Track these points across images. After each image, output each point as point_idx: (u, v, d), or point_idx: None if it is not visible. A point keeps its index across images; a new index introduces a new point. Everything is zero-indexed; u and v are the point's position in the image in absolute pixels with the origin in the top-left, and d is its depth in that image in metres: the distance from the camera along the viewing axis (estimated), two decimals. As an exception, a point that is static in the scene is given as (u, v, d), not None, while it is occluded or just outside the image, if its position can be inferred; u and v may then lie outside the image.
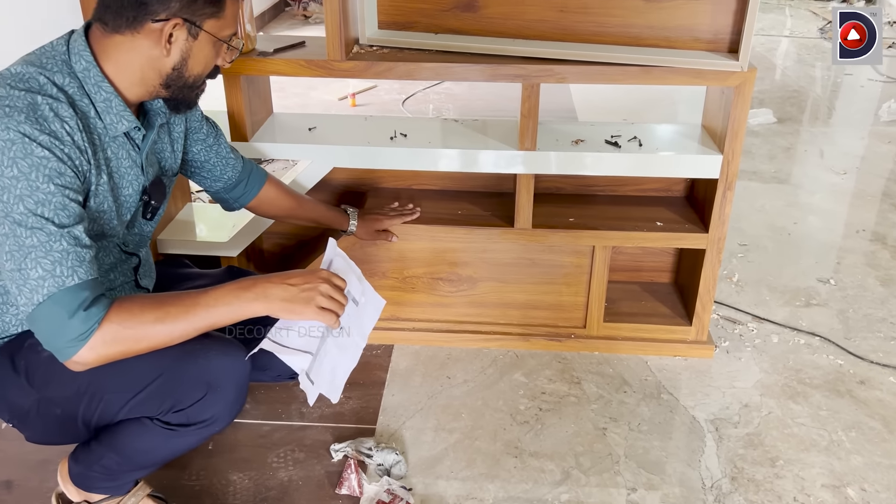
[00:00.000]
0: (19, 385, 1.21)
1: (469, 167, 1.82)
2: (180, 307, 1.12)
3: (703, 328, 1.98)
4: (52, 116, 1.08)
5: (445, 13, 1.76)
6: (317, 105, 3.97)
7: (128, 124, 1.19)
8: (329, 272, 1.23)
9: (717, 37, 1.68)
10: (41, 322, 1.06)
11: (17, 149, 1.04)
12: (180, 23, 1.14)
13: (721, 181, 1.79)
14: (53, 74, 1.13)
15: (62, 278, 1.05)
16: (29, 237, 1.04)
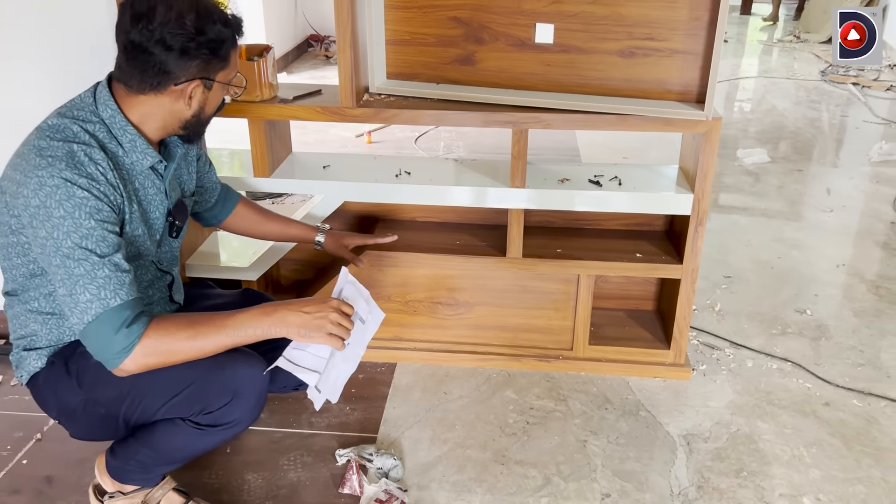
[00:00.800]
0: (70, 386, 1.42)
1: (465, 202, 2.03)
2: (210, 327, 1.32)
3: (681, 352, 2.15)
4: (88, 161, 1.29)
5: (446, 66, 1.98)
6: (335, 141, 4.21)
7: (151, 160, 1.41)
8: (339, 301, 1.41)
9: (686, 89, 1.88)
10: (91, 338, 1.27)
11: (62, 192, 1.25)
12: (198, 83, 1.36)
13: (693, 217, 1.97)
14: (85, 123, 1.33)
15: (106, 300, 1.25)
16: (76, 267, 1.25)
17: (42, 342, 1.44)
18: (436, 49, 1.96)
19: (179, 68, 1.32)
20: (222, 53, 1.36)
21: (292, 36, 6.04)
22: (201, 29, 1.30)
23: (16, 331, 1.47)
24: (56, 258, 1.25)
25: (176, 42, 1.29)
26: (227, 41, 1.36)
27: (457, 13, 1.91)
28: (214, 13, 1.34)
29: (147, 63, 1.31)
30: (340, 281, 1.50)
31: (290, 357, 1.40)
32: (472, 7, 1.89)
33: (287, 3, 5.93)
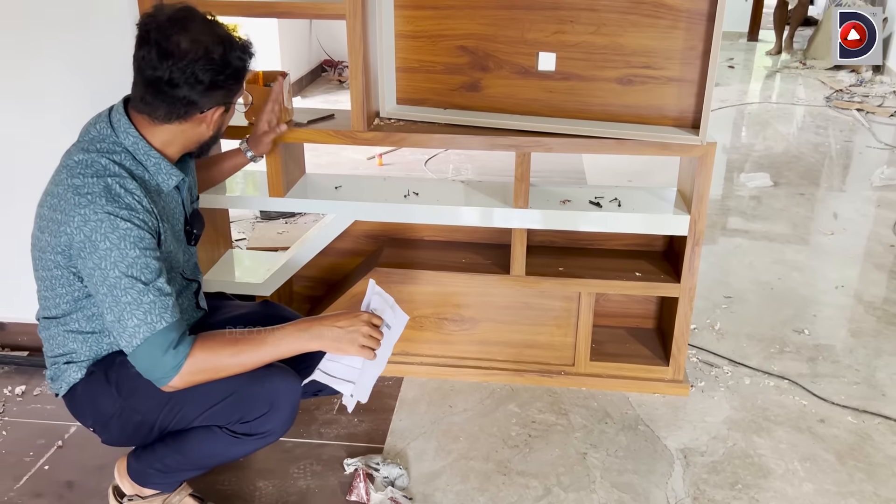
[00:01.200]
0: (109, 394, 1.50)
1: (471, 222, 2.11)
2: (251, 344, 1.41)
3: (680, 368, 2.21)
4: (124, 192, 1.37)
5: (453, 92, 2.07)
6: (347, 163, 4.32)
7: (176, 179, 1.50)
8: (369, 314, 1.50)
9: (682, 115, 1.97)
10: (140, 360, 1.36)
11: (106, 226, 1.33)
12: (221, 108, 1.47)
13: (689, 238, 2.05)
14: (111, 155, 1.40)
15: (153, 324, 1.34)
16: (123, 295, 1.34)
17: (82, 357, 1.52)
18: (443, 76, 2.06)
19: (206, 99, 1.42)
20: (242, 81, 1.47)
21: (307, 61, 6.19)
22: (227, 61, 1.40)
23: (53, 350, 1.54)
24: (103, 287, 1.34)
25: (206, 77, 1.38)
26: (245, 70, 1.46)
27: (464, 42, 2.01)
28: (234, 43, 1.43)
29: (175, 97, 1.39)
30: (368, 293, 1.58)
31: (326, 369, 1.50)
32: (479, 37, 1.99)
33: (302, 30, 6.09)
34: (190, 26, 1.39)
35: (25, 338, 2.38)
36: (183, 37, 1.37)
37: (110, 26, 1.99)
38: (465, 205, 2.10)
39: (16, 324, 2.38)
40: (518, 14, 1.94)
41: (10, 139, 2.16)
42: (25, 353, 2.36)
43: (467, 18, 1.97)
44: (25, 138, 2.15)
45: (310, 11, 2.00)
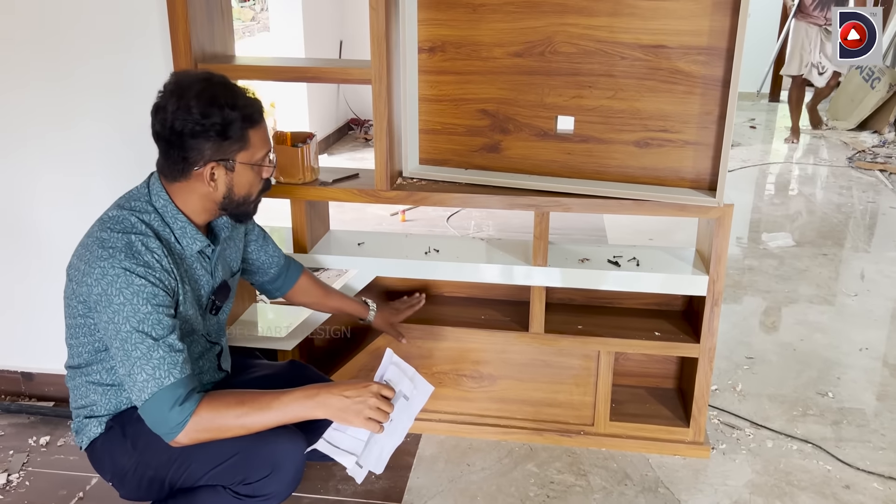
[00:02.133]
0: (125, 448, 1.53)
1: (490, 279, 2.14)
2: (257, 407, 1.42)
3: (700, 430, 2.19)
4: (145, 250, 1.43)
5: (474, 153, 2.13)
6: (371, 218, 4.39)
7: (200, 244, 1.54)
8: (380, 385, 1.49)
9: (699, 177, 2.00)
10: (148, 414, 1.39)
11: (122, 281, 1.39)
12: (216, 164, 1.45)
13: (708, 298, 2.06)
14: (141, 214, 1.48)
15: (161, 380, 1.38)
16: (134, 350, 1.38)
17: (101, 410, 1.56)
18: (465, 138, 2.12)
19: (194, 152, 1.43)
20: (232, 134, 1.43)
21: (334, 119, 6.35)
22: (206, 113, 1.41)
23: (76, 400, 1.59)
24: (116, 341, 1.39)
25: (185, 126, 1.40)
26: (234, 123, 1.43)
27: (485, 106, 2.07)
28: (221, 98, 1.42)
29: (169, 151, 1.46)
30: (384, 363, 1.57)
31: (330, 438, 1.49)
32: (499, 101, 2.06)
33: (330, 90, 6.27)
34: (187, 84, 1.43)
35: (52, 388, 2.43)
36: (172, 93, 1.42)
37: (151, 91, 2.09)
38: (485, 262, 2.13)
39: (43, 374, 2.43)
40: (537, 80, 2.00)
41: (47, 193, 2.24)
42: (51, 403, 2.41)
43: (488, 83, 2.04)
44: (61, 192, 2.23)
45: (337, 76, 2.08)
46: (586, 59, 1.96)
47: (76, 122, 2.16)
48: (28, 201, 2.26)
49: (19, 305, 2.37)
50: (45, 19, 2.07)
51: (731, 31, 1.84)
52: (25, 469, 2.11)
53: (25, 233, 2.30)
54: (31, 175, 2.23)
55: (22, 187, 2.25)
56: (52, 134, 2.18)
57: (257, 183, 1.54)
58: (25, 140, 2.20)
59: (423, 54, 2.06)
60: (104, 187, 2.21)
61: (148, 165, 2.14)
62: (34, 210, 2.27)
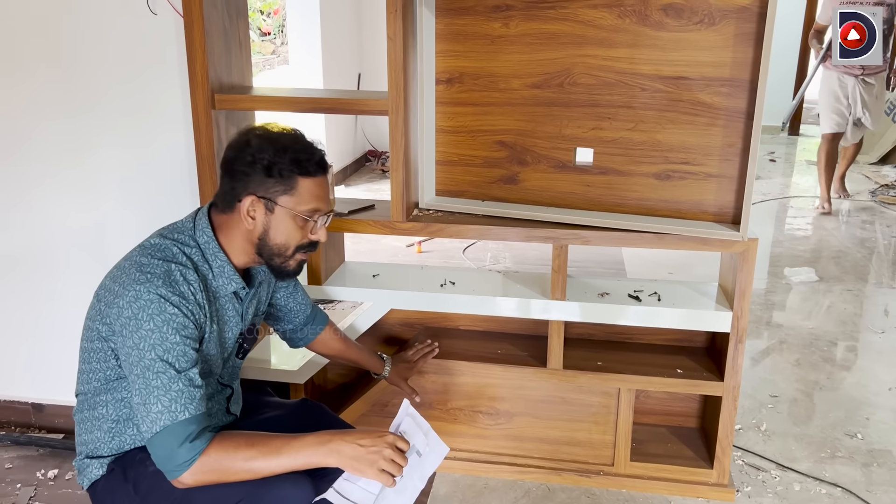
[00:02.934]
0: (127, 492, 1.48)
1: (507, 312, 2.10)
2: (267, 452, 1.36)
3: (724, 471, 2.11)
4: (182, 280, 1.41)
5: (491, 184, 2.10)
6: (387, 250, 4.37)
7: (235, 286, 1.52)
8: (395, 436, 1.43)
9: (721, 210, 1.95)
10: (156, 447, 1.35)
11: (155, 307, 1.36)
12: (255, 199, 1.44)
13: (732, 335, 2.00)
14: (183, 246, 1.47)
15: (176, 413, 1.34)
16: (154, 379, 1.35)
17: (104, 450, 1.51)
18: (482, 169, 2.09)
19: (241, 184, 1.45)
20: (277, 175, 1.43)
21: (351, 151, 6.38)
22: (261, 147, 1.44)
23: (80, 434, 1.55)
24: (137, 368, 1.36)
25: (238, 158, 1.45)
26: (281, 162, 1.43)
27: (502, 137, 2.05)
28: (281, 139, 1.45)
29: (222, 180, 1.49)
30: (400, 414, 1.51)
31: (340, 489, 1.43)
32: (517, 132, 2.03)
33: (347, 121, 6.31)
34: (261, 126, 1.49)
35: (62, 420, 2.40)
36: (240, 133, 1.49)
37: (167, 121, 2.09)
38: (502, 295, 2.09)
39: (53, 405, 2.40)
40: (556, 111, 1.98)
41: (62, 224, 2.24)
42: (61, 435, 2.37)
43: (506, 115, 2.02)
44: (75, 223, 2.23)
45: (354, 108, 2.07)
46: (606, 90, 1.93)
47: (92, 154, 2.16)
48: (41, 232, 2.26)
49: (31, 335, 2.36)
50: (63, 51, 2.09)
51: (754, 62, 1.81)
52: (32, 503, 2.07)
53: (39, 263, 2.29)
54: (47, 206, 2.23)
55: (37, 219, 2.25)
56: (68, 166, 2.18)
57: (296, 236, 1.49)
58: (44, 172, 2.20)
59: (440, 85, 2.05)
60: (119, 219, 2.20)
61: (163, 195, 2.13)
62: (48, 240, 2.26)
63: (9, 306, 2.34)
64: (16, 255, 2.29)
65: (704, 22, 1.82)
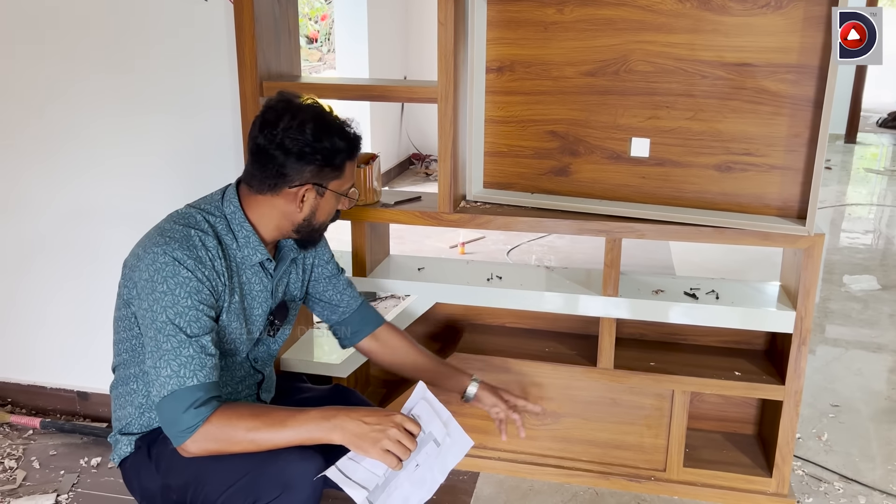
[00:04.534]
0: (150, 471, 1.47)
1: (557, 309, 2.03)
2: (270, 423, 1.33)
3: (784, 481, 2.00)
4: (200, 245, 1.41)
5: (541, 176, 2.04)
6: (430, 251, 4.32)
7: (261, 256, 1.50)
8: (404, 417, 1.36)
9: (786, 204, 1.85)
10: (163, 411, 1.33)
11: (169, 269, 1.36)
12: (310, 187, 1.45)
13: (795, 336, 1.89)
14: (208, 215, 1.47)
15: (184, 378, 1.32)
16: (165, 342, 1.33)
17: (134, 427, 1.51)
18: (532, 161, 2.03)
19: (295, 171, 1.43)
20: (337, 163, 1.45)
21: (396, 154, 6.37)
22: (319, 137, 1.41)
23: (116, 411, 1.56)
24: (150, 330, 1.35)
25: (294, 146, 1.40)
26: (342, 153, 1.45)
27: (554, 128, 1.98)
28: (333, 127, 1.44)
29: (267, 165, 1.43)
30: (414, 396, 1.44)
31: (343, 467, 1.36)
32: (569, 122, 1.97)
33: (393, 124, 6.30)
34: (297, 105, 1.44)
35: (106, 409, 2.40)
36: (286, 112, 1.42)
37: (215, 108, 2.08)
38: (551, 290, 2.02)
39: (98, 394, 2.41)
40: (611, 100, 1.91)
41: (108, 210, 2.24)
42: (105, 424, 2.37)
43: (558, 104, 1.96)
44: (121, 210, 2.23)
45: (403, 95, 2.03)
46: (664, 78, 1.85)
47: (140, 140, 2.16)
48: (87, 219, 2.27)
49: (76, 324, 2.37)
50: (115, 36, 2.09)
51: (824, 47, 1.71)
52: (75, 490, 2.07)
53: (85, 249, 2.30)
54: (95, 193, 2.24)
55: (83, 206, 2.26)
56: (116, 153, 2.19)
57: (332, 212, 1.53)
58: (91, 157, 2.21)
59: (490, 74, 1.99)
60: (164, 204, 2.19)
61: (209, 180, 2.12)
62: (95, 226, 2.27)
63: (55, 294, 2.36)
64: (62, 240, 2.31)
65: (771, 5, 1.73)
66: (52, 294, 2.37)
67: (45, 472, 2.15)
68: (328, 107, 1.48)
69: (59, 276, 2.34)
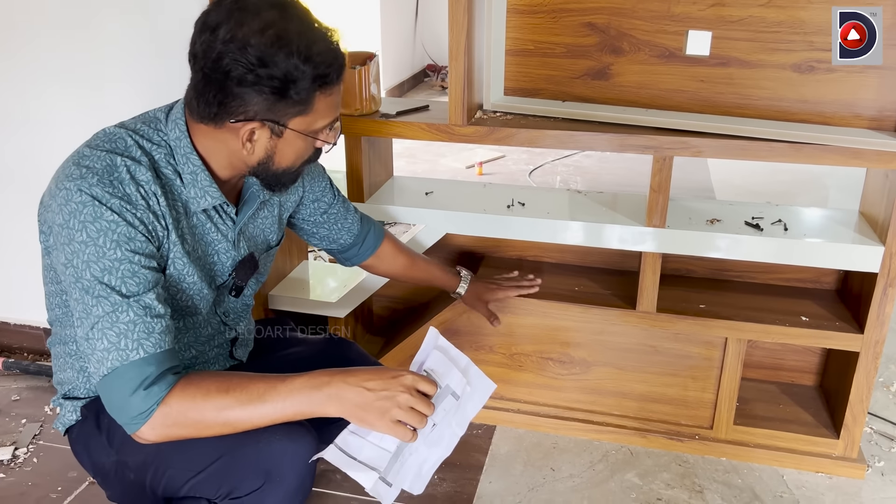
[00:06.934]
0: (101, 443, 1.19)
1: (590, 241, 1.70)
2: (247, 399, 1.03)
3: (854, 443, 1.71)
4: (129, 179, 1.05)
5: (575, 80, 1.68)
6: (444, 171, 3.98)
7: (211, 200, 1.14)
8: (415, 376, 1.06)
9: (881, 114, 1.49)
10: (106, 394, 1.02)
11: (88, 212, 1.01)
12: (260, 125, 1.07)
13: (881, 276, 1.56)
14: (142, 139, 1.10)
15: (126, 352, 1.00)
16: (95, 306, 1.01)
17: (80, 391, 1.22)
18: (563, 61, 1.67)
19: (237, 102, 1.04)
20: (294, 95, 1.04)
21: (409, 65, 5.94)
22: (265, 60, 1.00)
23: (56, 374, 1.26)
24: (75, 291, 1.02)
25: (235, 69, 1.01)
26: (300, 81, 1.03)
27: (592, 18, 1.61)
28: (294, 43, 1.01)
29: (205, 88, 1.04)
30: (425, 348, 1.13)
31: (344, 445, 1.07)
32: (612, 11, 1.59)
33: (406, 32, 5.85)
34: (253, 7, 1.02)
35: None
36: (232, 14, 1.01)
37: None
38: (584, 220, 1.69)
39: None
40: (665, -20, 1.53)
41: (54, 132, 1.92)
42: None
43: (598, -13, 1.58)
44: (81, 139, 1.91)
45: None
46: (735, -50, 1.46)
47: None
48: (36, 140, 1.95)
49: (37, 257, 2.08)
50: None
51: None
52: (35, 443, 1.83)
53: (40, 182, 1.98)
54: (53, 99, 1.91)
55: (28, 129, 1.94)
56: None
57: (307, 153, 1.15)
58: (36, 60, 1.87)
59: (514, -50, 1.61)
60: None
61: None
62: (45, 153, 1.96)
63: (23, 229, 2.07)
64: (17, 162, 2.00)
65: None
66: (11, 221, 2.08)
67: (5, 420, 1.91)
68: (305, 7, 1.07)
69: (17, 202, 2.05)
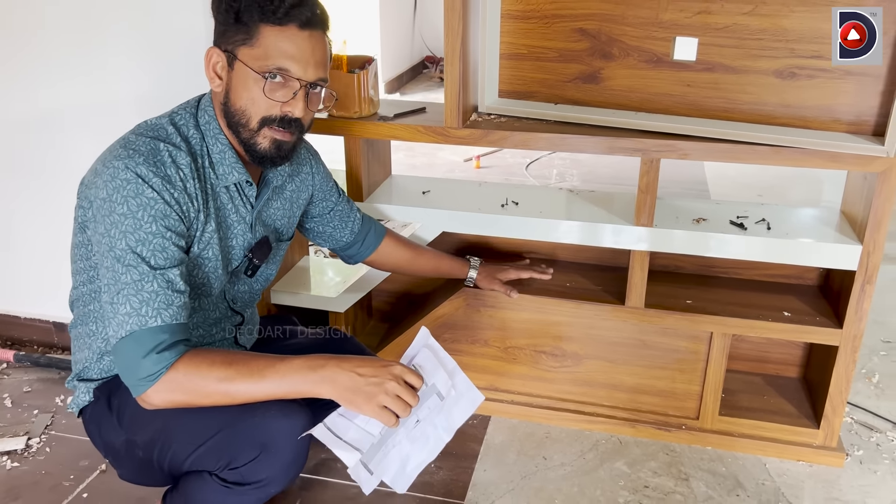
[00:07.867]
0: (112, 423, 1.28)
1: (581, 240, 1.77)
2: (247, 373, 1.12)
3: (833, 433, 1.78)
4: (170, 162, 1.17)
5: (566, 84, 1.73)
6: (443, 164, 4.04)
7: (238, 176, 1.26)
8: (404, 368, 1.16)
9: (859, 118, 1.55)
10: (120, 356, 1.12)
11: (131, 188, 1.12)
12: (217, 51, 1.20)
13: (860, 274, 1.63)
14: (180, 126, 1.23)
15: (146, 318, 1.10)
16: (125, 274, 1.11)
17: (93, 373, 1.32)
18: (556, 65, 1.72)
19: (215, 32, 1.21)
20: (242, 21, 1.16)
21: (408, 57, 5.97)
22: None
23: (74, 353, 1.36)
24: (108, 259, 1.13)
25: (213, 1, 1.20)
26: (250, 7, 1.15)
27: (583, 24, 1.66)
28: None
29: None
30: (415, 344, 1.23)
31: (332, 425, 1.16)
32: (602, 17, 1.64)
33: (405, 24, 5.88)
34: None
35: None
36: None
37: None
38: (575, 219, 1.75)
39: (77, 325, 2.21)
40: (653, -11, 1.58)
41: (64, 129, 1.98)
42: (84, 357, 2.19)
43: (589, -5, 1.63)
44: (84, 126, 1.96)
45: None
46: (720, -39, 1.52)
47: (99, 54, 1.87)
48: (46, 134, 2.01)
49: (52, 248, 2.14)
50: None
51: (927, -83, 1.36)
52: (48, 433, 1.90)
53: (53, 176, 2.04)
54: (52, 109, 1.97)
55: (38, 123, 1.99)
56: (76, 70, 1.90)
57: (260, 104, 1.20)
58: (52, 58, 1.92)
59: (508, -42, 1.66)
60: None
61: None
62: (56, 147, 2.01)
63: (27, 216, 2.13)
64: (30, 155, 2.06)
65: None
66: (23, 216, 2.14)
67: (18, 411, 1.98)
68: None
69: (29, 197, 2.11)
